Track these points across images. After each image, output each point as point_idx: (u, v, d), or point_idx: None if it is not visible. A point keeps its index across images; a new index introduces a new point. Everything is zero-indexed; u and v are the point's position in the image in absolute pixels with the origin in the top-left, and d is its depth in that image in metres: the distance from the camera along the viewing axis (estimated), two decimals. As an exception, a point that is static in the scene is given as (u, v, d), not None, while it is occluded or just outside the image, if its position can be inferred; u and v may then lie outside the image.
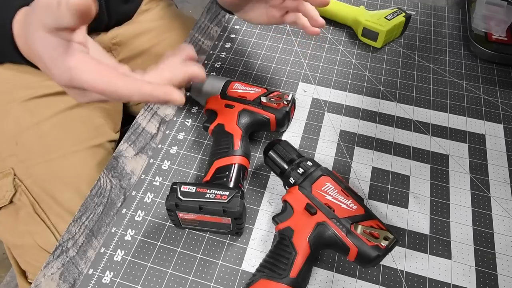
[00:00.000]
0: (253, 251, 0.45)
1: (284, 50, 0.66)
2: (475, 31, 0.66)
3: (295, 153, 0.46)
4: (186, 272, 0.43)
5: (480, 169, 0.52)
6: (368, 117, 0.57)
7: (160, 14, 0.78)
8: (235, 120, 0.49)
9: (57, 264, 0.44)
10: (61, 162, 0.59)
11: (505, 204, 0.49)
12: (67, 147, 0.60)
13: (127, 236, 0.46)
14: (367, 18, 0.65)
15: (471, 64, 0.65)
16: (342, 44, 0.68)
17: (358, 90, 0.61)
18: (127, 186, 0.50)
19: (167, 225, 0.46)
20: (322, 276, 0.43)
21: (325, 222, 0.40)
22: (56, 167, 0.58)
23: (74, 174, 0.59)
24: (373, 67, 0.64)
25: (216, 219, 0.42)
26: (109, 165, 0.52)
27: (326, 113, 0.57)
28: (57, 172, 0.58)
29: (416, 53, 0.67)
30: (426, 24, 0.72)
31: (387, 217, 0.47)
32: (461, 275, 0.43)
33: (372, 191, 0.49)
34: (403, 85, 0.61)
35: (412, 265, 0.44)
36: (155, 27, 0.75)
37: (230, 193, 0.41)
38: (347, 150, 0.53)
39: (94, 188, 0.50)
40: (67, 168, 0.59)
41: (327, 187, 0.42)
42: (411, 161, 0.52)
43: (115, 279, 0.43)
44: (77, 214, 0.48)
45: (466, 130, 0.56)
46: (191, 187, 0.42)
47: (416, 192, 0.49)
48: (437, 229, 0.46)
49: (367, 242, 0.39)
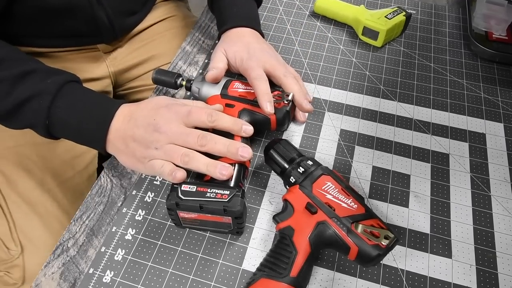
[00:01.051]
0: (253, 250, 0.45)
1: (284, 49, 0.66)
2: (475, 30, 0.66)
3: (295, 152, 0.46)
4: (187, 271, 0.43)
5: (480, 168, 0.52)
6: (369, 116, 0.57)
7: (166, 12, 0.78)
8: (235, 120, 0.49)
9: (58, 263, 0.44)
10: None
11: (505, 203, 0.49)
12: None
13: (127, 236, 0.46)
14: (367, 17, 0.65)
15: (471, 63, 0.65)
16: (342, 43, 0.68)
17: (359, 89, 0.61)
18: (127, 185, 0.50)
19: (168, 224, 0.46)
20: (323, 275, 0.43)
21: (325, 221, 0.40)
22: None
23: (41, 166, 0.60)
24: (373, 66, 0.64)
25: (217, 218, 0.42)
26: (109, 165, 0.52)
27: (326, 112, 0.57)
28: (23, 159, 0.59)
29: (417, 52, 0.66)
30: (426, 23, 0.72)
31: (388, 216, 0.47)
32: (462, 274, 0.43)
33: (372, 190, 0.49)
34: (403, 84, 0.61)
35: (413, 264, 0.44)
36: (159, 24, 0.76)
37: (230, 192, 0.41)
38: (347, 149, 0.53)
39: (94, 187, 0.50)
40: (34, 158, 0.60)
41: (327, 186, 0.42)
42: (411, 160, 0.52)
43: (116, 278, 0.43)
44: (77, 213, 0.48)
45: (467, 129, 0.56)
46: (191, 186, 0.42)
47: (417, 191, 0.49)
48: (437, 228, 0.46)
49: (368, 241, 0.39)
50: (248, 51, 0.55)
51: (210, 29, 0.71)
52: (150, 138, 0.44)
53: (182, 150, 0.44)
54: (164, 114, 0.45)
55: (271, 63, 0.54)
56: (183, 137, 0.44)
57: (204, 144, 0.44)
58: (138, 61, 0.73)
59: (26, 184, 0.59)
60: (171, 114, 0.45)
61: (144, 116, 0.46)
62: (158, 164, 0.44)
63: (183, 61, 0.65)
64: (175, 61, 0.65)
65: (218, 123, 0.45)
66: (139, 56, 0.73)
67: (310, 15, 0.73)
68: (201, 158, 0.44)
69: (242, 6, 0.62)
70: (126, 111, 0.47)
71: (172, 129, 0.44)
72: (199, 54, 0.66)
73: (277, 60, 0.55)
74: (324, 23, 0.71)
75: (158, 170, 0.44)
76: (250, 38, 0.57)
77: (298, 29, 0.70)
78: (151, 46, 0.74)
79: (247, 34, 0.58)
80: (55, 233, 0.58)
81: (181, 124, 0.45)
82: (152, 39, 0.74)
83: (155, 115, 0.45)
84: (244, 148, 0.44)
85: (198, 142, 0.44)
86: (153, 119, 0.45)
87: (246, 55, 0.54)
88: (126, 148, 0.46)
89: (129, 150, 0.46)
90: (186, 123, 0.45)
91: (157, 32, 0.75)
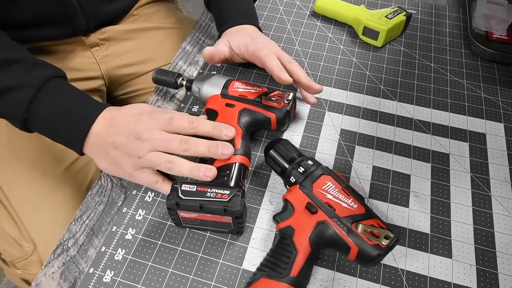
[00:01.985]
0: (253, 250, 0.45)
1: (285, 49, 0.66)
2: (475, 30, 0.66)
3: (295, 152, 0.46)
4: (187, 271, 0.43)
5: (480, 168, 0.52)
6: (369, 116, 0.57)
7: (159, 14, 0.77)
8: (235, 119, 0.49)
9: (58, 263, 0.44)
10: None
11: (505, 203, 0.49)
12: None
13: (127, 235, 0.46)
14: (367, 17, 0.65)
15: (471, 63, 0.65)
16: (342, 43, 0.68)
17: (359, 89, 0.61)
18: (127, 185, 0.50)
19: (168, 224, 0.46)
20: (323, 275, 0.43)
21: (325, 221, 0.40)
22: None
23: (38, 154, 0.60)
24: (373, 66, 0.64)
25: (217, 218, 0.42)
26: (109, 164, 0.52)
27: (326, 112, 0.57)
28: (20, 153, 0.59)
29: (417, 52, 0.66)
30: (426, 23, 0.72)
31: (388, 216, 0.47)
32: (462, 274, 0.43)
33: (372, 190, 0.49)
34: (403, 84, 0.61)
35: (413, 264, 0.44)
36: (149, 27, 0.75)
37: (231, 192, 0.41)
38: (347, 149, 0.53)
39: (95, 187, 0.50)
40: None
41: (327, 186, 0.42)
42: (411, 160, 0.52)
43: (116, 278, 0.43)
44: (77, 213, 0.48)
45: (467, 129, 0.56)
46: (191, 186, 0.42)
47: (417, 191, 0.49)
48: (437, 228, 0.46)
49: (368, 241, 0.39)
50: (251, 38, 0.57)
51: (210, 29, 0.71)
52: (132, 146, 0.44)
53: (165, 156, 0.44)
54: (145, 121, 0.45)
55: (275, 50, 0.55)
56: (165, 143, 0.44)
57: (187, 148, 0.44)
58: (133, 61, 0.73)
59: (27, 178, 0.58)
60: (152, 122, 0.45)
61: (125, 123, 0.45)
62: (150, 179, 0.46)
63: (183, 61, 0.65)
64: (175, 61, 0.65)
65: (198, 129, 0.45)
66: (133, 56, 0.73)
67: (310, 15, 0.73)
68: (184, 163, 0.44)
69: (240, 3, 0.62)
70: (108, 116, 0.47)
71: (154, 136, 0.44)
72: (199, 54, 0.66)
73: (280, 49, 0.57)
74: (324, 23, 0.71)
75: (151, 185, 0.46)
76: (251, 30, 0.59)
77: (299, 29, 0.70)
78: (143, 45, 0.73)
79: (248, 28, 0.60)
80: (65, 223, 0.57)
81: (162, 131, 0.45)
82: (143, 37, 0.73)
83: (136, 123, 0.45)
84: (224, 146, 0.44)
85: (181, 147, 0.44)
86: (134, 126, 0.45)
87: (250, 41, 0.56)
88: (107, 155, 0.46)
89: (110, 158, 0.46)
90: (167, 130, 0.45)
91: (147, 31, 0.74)
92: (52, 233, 0.56)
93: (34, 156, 0.60)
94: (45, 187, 0.59)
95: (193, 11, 1.89)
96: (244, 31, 0.59)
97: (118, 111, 0.47)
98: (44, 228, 0.57)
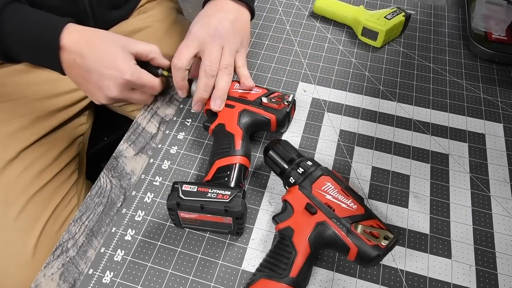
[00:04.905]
0: (253, 250, 0.45)
1: (284, 49, 0.66)
2: (475, 31, 0.66)
3: (295, 153, 0.46)
4: (186, 272, 0.43)
5: (480, 168, 0.52)
6: (368, 116, 0.57)
7: (159, 15, 0.77)
8: (235, 120, 0.49)
9: (57, 264, 0.44)
10: None
11: (505, 203, 0.49)
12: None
13: (127, 236, 0.46)
14: (366, 18, 0.65)
15: (471, 64, 0.65)
16: (342, 43, 0.68)
17: (358, 89, 0.61)
18: (127, 186, 0.50)
19: (167, 225, 0.46)
20: (322, 275, 0.43)
21: (325, 221, 0.40)
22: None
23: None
24: (373, 67, 0.64)
25: (217, 218, 0.42)
26: (109, 165, 0.52)
27: (326, 113, 0.57)
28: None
29: (416, 52, 0.67)
30: (426, 23, 0.72)
31: (387, 216, 0.47)
32: (461, 274, 0.43)
33: (372, 190, 0.49)
34: (403, 85, 0.62)
35: (412, 264, 0.44)
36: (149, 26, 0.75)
37: (231, 193, 0.41)
38: (347, 150, 0.53)
39: (94, 188, 0.50)
40: None
41: (327, 186, 0.42)
42: (411, 161, 0.52)
43: (115, 279, 0.43)
44: (77, 214, 0.48)
45: (466, 130, 0.56)
46: (192, 186, 0.42)
47: (416, 192, 0.49)
48: (437, 228, 0.46)
49: (367, 242, 0.39)
50: (213, 36, 0.54)
51: (209, 29, 0.71)
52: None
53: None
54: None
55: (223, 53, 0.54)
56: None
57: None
58: None
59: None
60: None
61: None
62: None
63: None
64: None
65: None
66: None
67: (309, 15, 0.73)
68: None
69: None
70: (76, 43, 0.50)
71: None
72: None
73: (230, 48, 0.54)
74: (323, 24, 0.71)
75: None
76: (223, 17, 0.55)
77: (298, 29, 0.70)
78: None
79: (224, 11, 0.56)
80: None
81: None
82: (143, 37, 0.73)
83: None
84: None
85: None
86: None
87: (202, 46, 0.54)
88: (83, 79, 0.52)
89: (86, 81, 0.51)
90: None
91: (147, 30, 0.74)
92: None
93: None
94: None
95: (192, 12, 1.89)
96: (215, 16, 0.55)
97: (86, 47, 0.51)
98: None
